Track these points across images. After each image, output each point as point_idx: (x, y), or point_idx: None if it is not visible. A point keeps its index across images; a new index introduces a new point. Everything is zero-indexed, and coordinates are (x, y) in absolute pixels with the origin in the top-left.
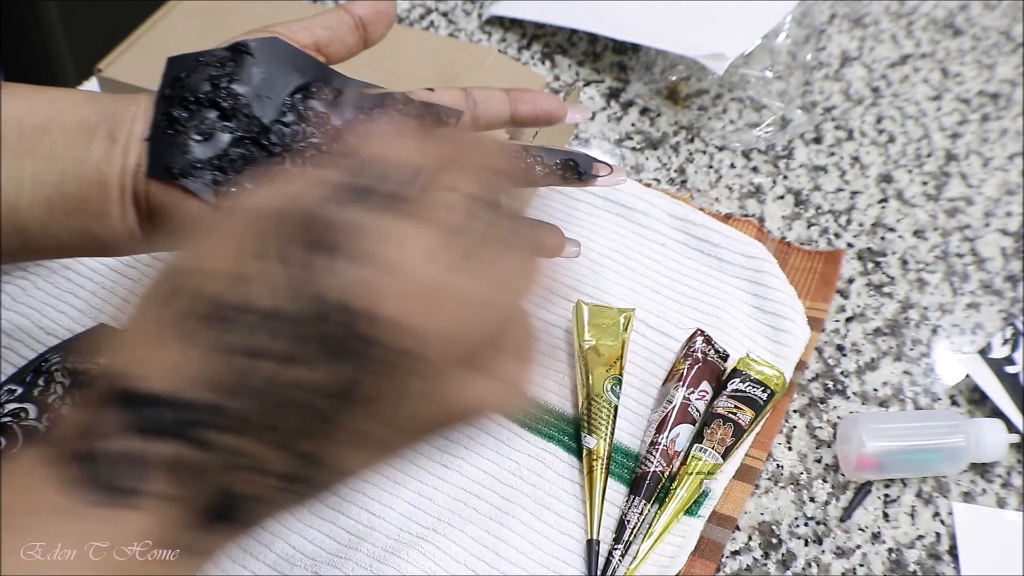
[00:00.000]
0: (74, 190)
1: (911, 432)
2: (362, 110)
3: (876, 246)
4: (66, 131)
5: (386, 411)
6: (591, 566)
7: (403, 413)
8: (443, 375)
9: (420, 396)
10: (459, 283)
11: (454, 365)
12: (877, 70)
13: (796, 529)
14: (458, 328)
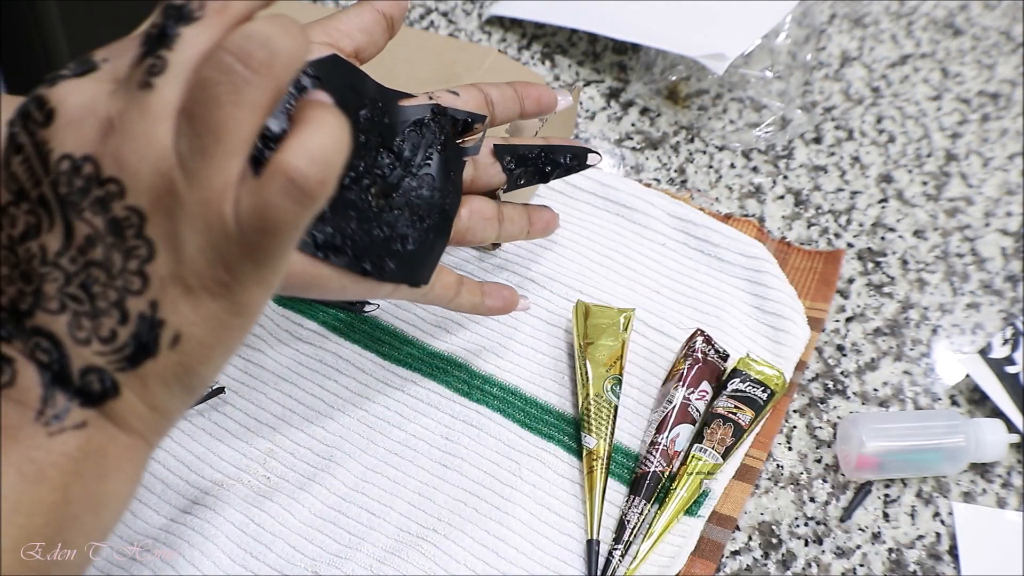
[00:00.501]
0: None
1: (911, 432)
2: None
3: (876, 246)
4: None
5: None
6: (591, 566)
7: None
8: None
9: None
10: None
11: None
12: (877, 70)
13: (796, 529)
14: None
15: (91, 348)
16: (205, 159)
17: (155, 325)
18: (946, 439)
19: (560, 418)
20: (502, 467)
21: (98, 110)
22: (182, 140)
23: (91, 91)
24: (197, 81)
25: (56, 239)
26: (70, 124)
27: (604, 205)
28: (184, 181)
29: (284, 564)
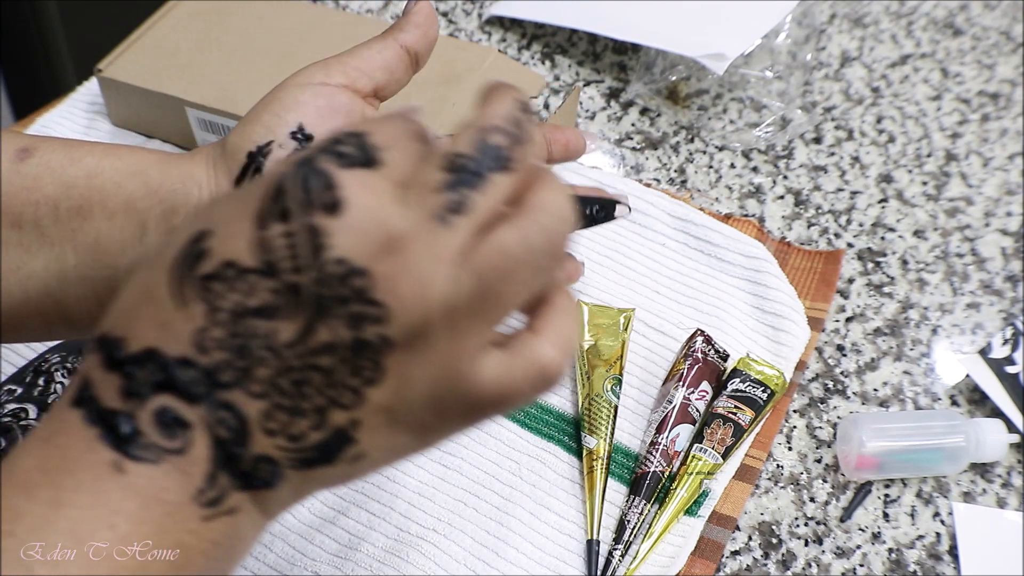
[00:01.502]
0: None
1: (911, 432)
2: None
3: (876, 246)
4: (111, 216)
5: (399, 382)
6: (591, 566)
7: (418, 387)
8: (455, 345)
9: (428, 366)
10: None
11: (470, 336)
12: (877, 70)
13: (796, 529)
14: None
15: (274, 440)
16: (473, 320)
17: (346, 441)
18: (946, 439)
19: (560, 418)
20: (502, 467)
21: (385, 222)
22: (460, 292)
23: (380, 194)
24: (499, 249)
25: (290, 331)
26: (356, 228)
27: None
28: (444, 331)
29: (284, 564)
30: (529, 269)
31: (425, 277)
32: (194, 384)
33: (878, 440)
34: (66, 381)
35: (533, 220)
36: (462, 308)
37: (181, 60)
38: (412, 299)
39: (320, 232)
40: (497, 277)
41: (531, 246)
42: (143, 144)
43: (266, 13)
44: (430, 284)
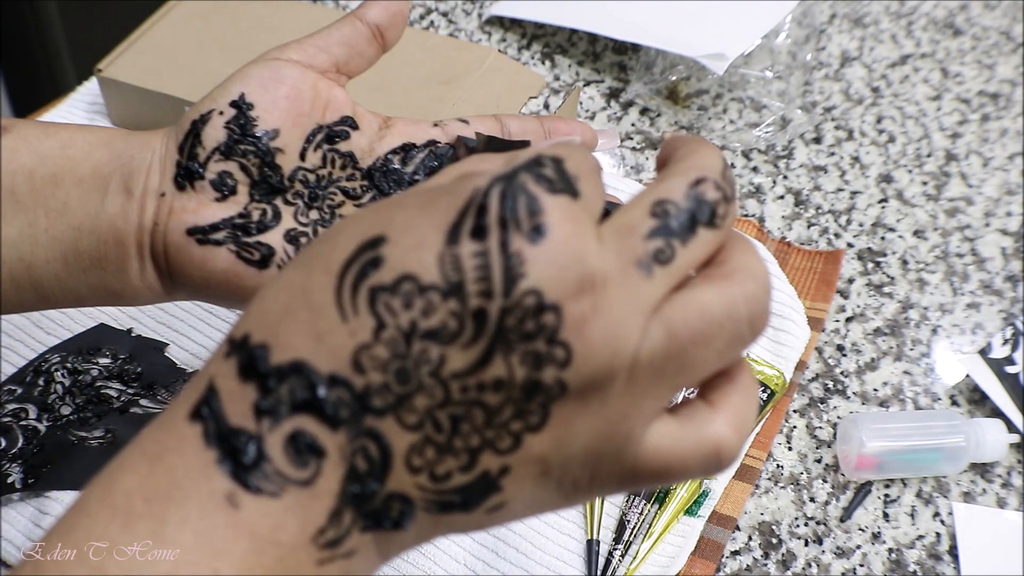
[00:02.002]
0: (90, 247)
1: (911, 432)
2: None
3: (876, 246)
4: (80, 182)
5: (561, 433)
6: (591, 566)
7: (580, 441)
8: (630, 404)
9: (596, 421)
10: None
11: (648, 398)
12: (877, 70)
13: (796, 529)
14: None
15: (415, 478)
16: (656, 382)
17: (491, 488)
18: (946, 439)
19: None
20: None
21: (585, 259)
22: (650, 349)
23: (583, 228)
24: (700, 309)
25: (463, 360)
26: (555, 260)
27: (605, 205)
28: (623, 387)
29: None
30: (727, 337)
31: (618, 325)
32: (341, 407)
33: (878, 440)
34: (67, 381)
35: (738, 284)
36: (648, 366)
37: (181, 60)
38: (600, 347)
39: (516, 258)
40: (692, 339)
41: (734, 313)
42: None
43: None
44: (622, 334)
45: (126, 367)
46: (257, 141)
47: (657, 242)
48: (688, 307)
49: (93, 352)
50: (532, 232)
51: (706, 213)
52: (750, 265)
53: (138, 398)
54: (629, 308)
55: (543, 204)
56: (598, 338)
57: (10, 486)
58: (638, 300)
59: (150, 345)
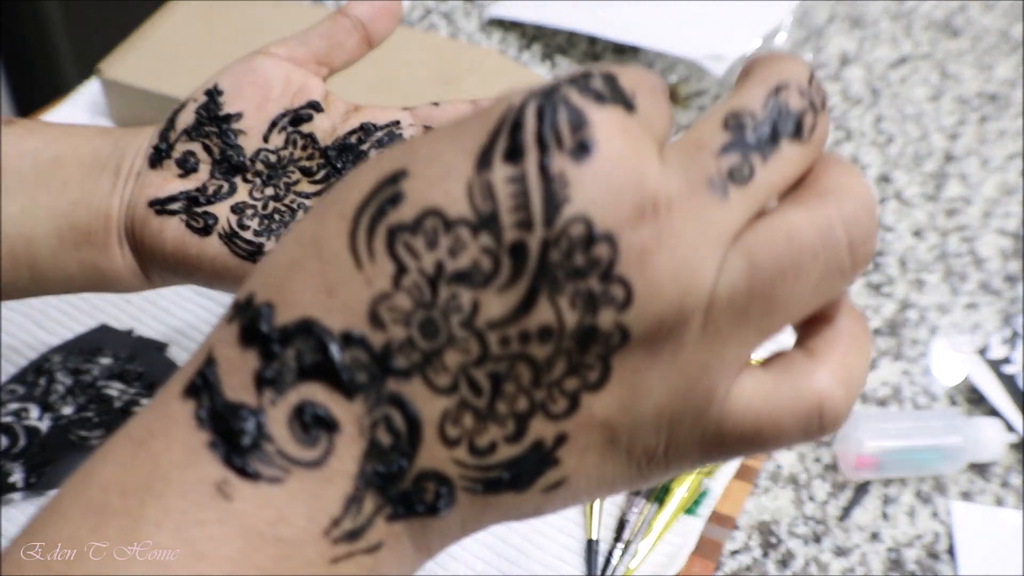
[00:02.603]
0: (83, 221)
1: (910, 432)
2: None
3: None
4: (80, 163)
5: (628, 391)
6: (591, 566)
7: (651, 401)
8: (710, 353)
9: (669, 376)
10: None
11: (731, 345)
12: (876, 70)
13: (795, 528)
14: (743, 279)
15: (452, 452)
16: (740, 324)
17: (547, 462)
18: (944, 439)
19: None
20: None
21: (644, 180)
22: (730, 284)
23: (639, 144)
24: (788, 234)
25: (501, 306)
26: (607, 181)
27: None
28: (699, 333)
29: None
30: (822, 267)
31: (689, 257)
32: (358, 369)
33: (877, 440)
34: (68, 381)
35: (834, 204)
36: (728, 306)
37: (182, 60)
38: (667, 283)
39: (563, 180)
40: (779, 271)
41: (830, 237)
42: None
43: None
44: (694, 267)
45: (127, 367)
46: (220, 122)
47: (732, 158)
48: (774, 233)
49: (94, 352)
50: (577, 149)
51: (790, 124)
52: (848, 183)
53: (139, 398)
54: (701, 236)
55: (590, 116)
56: (664, 273)
57: (11, 486)
58: (712, 227)
59: (151, 345)
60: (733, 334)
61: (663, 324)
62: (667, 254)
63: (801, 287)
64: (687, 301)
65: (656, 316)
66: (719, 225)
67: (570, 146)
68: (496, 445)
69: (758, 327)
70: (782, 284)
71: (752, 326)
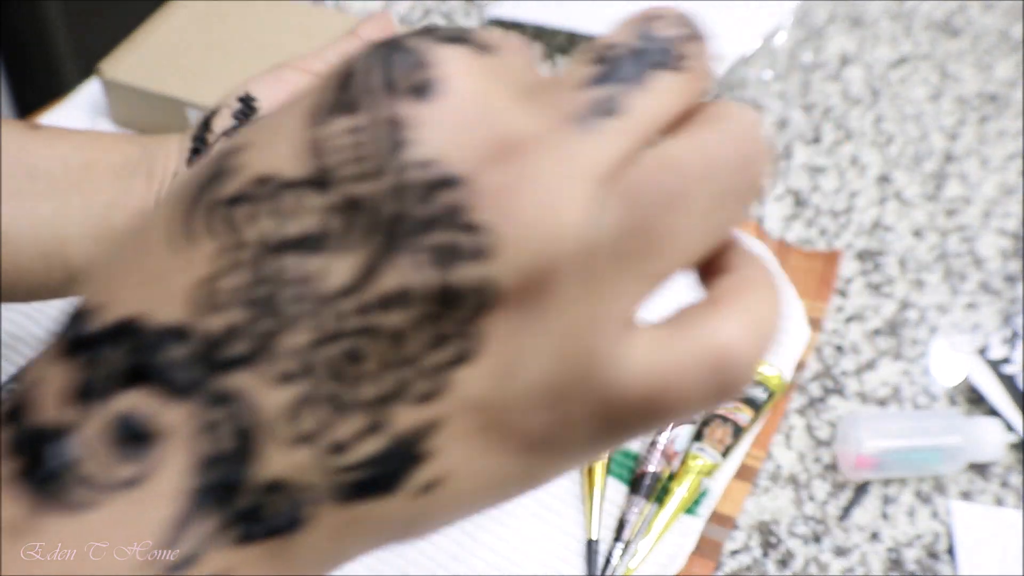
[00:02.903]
0: (119, 222)
1: (910, 432)
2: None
3: (875, 246)
4: (111, 167)
5: (503, 362)
6: (591, 566)
7: (532, 371)
8: (594, 306)
9: (548, 338)
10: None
11: (617, 294)
12: (876, 70)
13: (795, 528)
14: (621, 216)
15: (300, 454)
16: (622, 270)
17: (415, 456)
18: (944, 439)
19: None
20: None
21: (498, 117)
22: (605, 224)
23: (492, 81)
24: (666, 161)
25: (343, 272)
26: (454, 118)
27: None
28: (577, 284)
29: None
30: (710, 194)
31: (555, 195)
32: (179, 368)
33: (877, 440)
34: None
35: (716, 128)
36: (607, 248)
37: (182, 61)
38: (532, 228)
39: (402, 123)
40: (661, 203)
41: (717, 157)
42: None
43: (266, 14)
44: (561, 207)
45: None
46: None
47: (600, 90)
48: (652, 164)
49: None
50: (419, 89)
51: (663, 52)
52: (731, 109)
53: None
54: (568, 173)
55: (433, 56)
56: (528, 216)
57: None
58: (580, 163)
59: None
60: (617, 282)
61: (533, 276)
62: (529, 195)
63: (689, 219)
64: (559, 245)
65: (523, 267)
66: (588, 161)
67: (410, 86)
68: (353, 441)
69: (645, 272)
70: (666, 218)
71: (638, 271)
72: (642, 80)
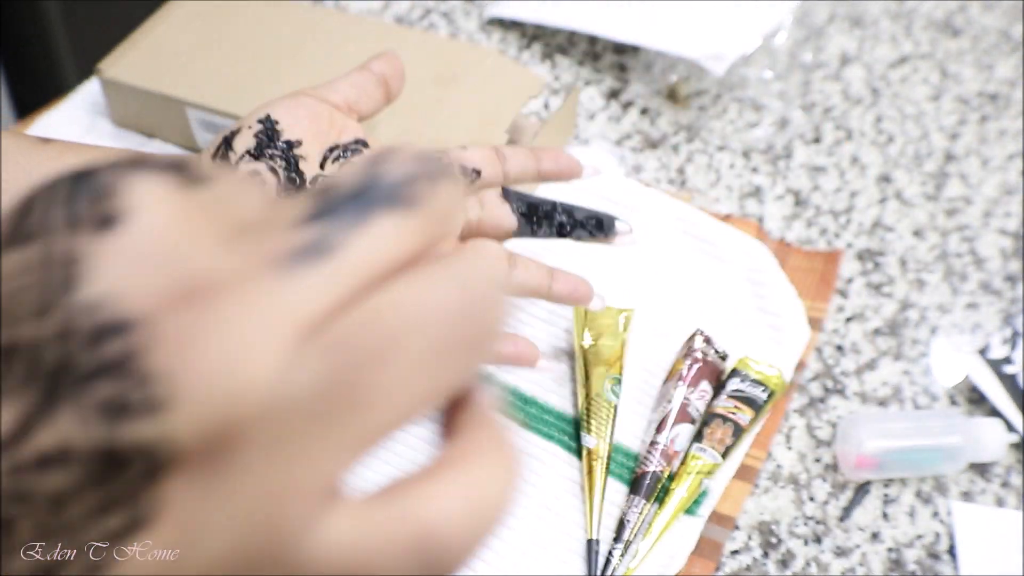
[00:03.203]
0: None
1: (910, 432)
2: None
3: (875, 246)
4: None
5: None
6: (591, 566)
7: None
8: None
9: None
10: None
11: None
12: (876, 70)
13: (795, 528)
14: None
15: None
16: (320, 434)
17: None
18: (945, 439)
19: (560, 418)
20: None
21: (190, 256)
22: (301, 382)
23: (186, 219)
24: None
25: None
26: (132, 257)
27: (604, 205)
28: (267, 447)
29: None
30: (425, 349)
31: (242, 347)
32: None
33: (877, 440)
34: None
35: (440, 274)
36: (303, 409)
37: (182, 60)
38: (215, 381)
39: (76, 258)
40: (369, 358)
41: (431, 310)
42: (143, 144)
43: (266, 14)
44: (249, 360)
45: None
46: (283, 145)
47: (310, 231)
48: (361, 314)
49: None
50: (101, 222)
51: (390, 189)
52: (468, 253)
53: None
54: (262, 321)
55: (123, 186)
56: (212, 366)
57: None
58: (278, 310)
59: None
60: (316, 446)
61: (215, 436)
62: (214, 344)
63: (399, 375)
64: (243, 403)
65: (204, 425)
66: (287, 309)
67: (92, 218)
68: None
69: (350, 435)
70: (372, 374)
71: (338, 436)
72: (360, 221)
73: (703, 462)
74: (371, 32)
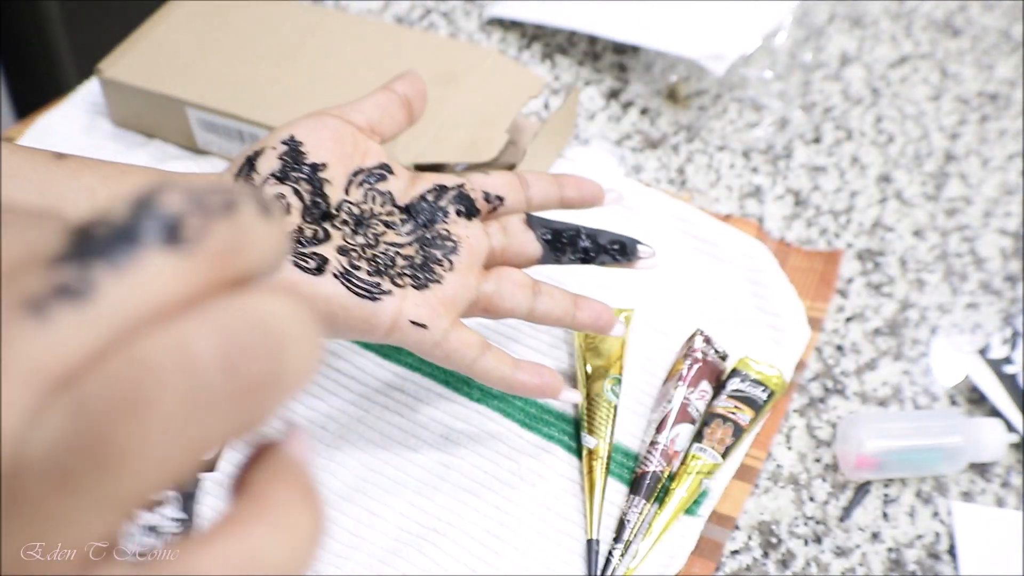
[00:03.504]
0: None
1: (910, 432)
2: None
3: (875, 246)
4: None
5: None
6: (591, 566)
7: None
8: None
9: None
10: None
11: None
12: (876, 70)
13: (795, 529)
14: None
15: None
16: (72, 498)
17: None
18: (945, 439)
19: (560, 418)
20: (502, 467)
21: None
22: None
23: None
24: (131, 361)
25: None
26: None
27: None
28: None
29: None
30: (185, 401)
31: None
32: None
33: (877, 440)
34: None
35: (208, 319)
36: (45, 469)
37: (182, 61)
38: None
39: None
40: (121, 412)
41: (192, 360)
42: (143, 144)
43: (266, 14)
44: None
45: None
46: (308, 169)
47: (67, 272)
48: (115, 363)
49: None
50: None
51: (164, 229)
52: (245, 300)
53: None
54: (5, 374)
55: None
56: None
57: None
58: (21, 362)
59: None
60: (58, 510)
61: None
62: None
63: (152, 430)
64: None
65: None
66: (33, 359)
67: None
68: None
69: (99, 498)
70: (125, 430)
71: (89, 497)
72: (123, 261)
73: (703, 462)
74: (371, 32)
